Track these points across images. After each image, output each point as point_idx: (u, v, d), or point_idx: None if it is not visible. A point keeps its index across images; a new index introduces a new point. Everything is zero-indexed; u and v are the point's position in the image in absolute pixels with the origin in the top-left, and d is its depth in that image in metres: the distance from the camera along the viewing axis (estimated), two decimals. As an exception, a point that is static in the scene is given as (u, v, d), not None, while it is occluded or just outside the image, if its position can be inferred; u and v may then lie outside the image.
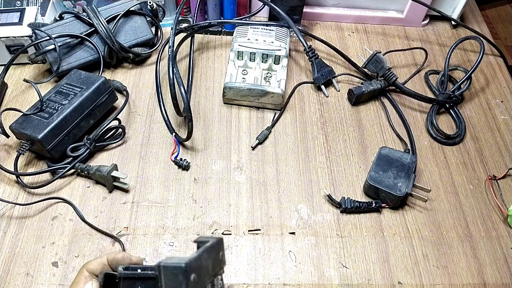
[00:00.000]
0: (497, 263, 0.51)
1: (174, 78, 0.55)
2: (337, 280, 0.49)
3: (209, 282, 0.28)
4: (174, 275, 0.26)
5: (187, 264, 0.26)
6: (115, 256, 0.35)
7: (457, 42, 0.67)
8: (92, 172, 0.53)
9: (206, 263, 0.28)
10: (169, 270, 0.26)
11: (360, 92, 0.63)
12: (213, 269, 0.29)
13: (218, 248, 0.29)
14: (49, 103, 0.55)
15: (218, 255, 0.30)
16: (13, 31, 0.63)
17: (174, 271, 0.26)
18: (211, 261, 0.28)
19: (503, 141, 0.62)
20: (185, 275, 0.26)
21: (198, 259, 0.27)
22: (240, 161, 0.58)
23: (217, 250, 0.29)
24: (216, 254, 0.29)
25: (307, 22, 0.77)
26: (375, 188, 0.53)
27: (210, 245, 0.28)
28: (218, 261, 0.30)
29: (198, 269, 0.27)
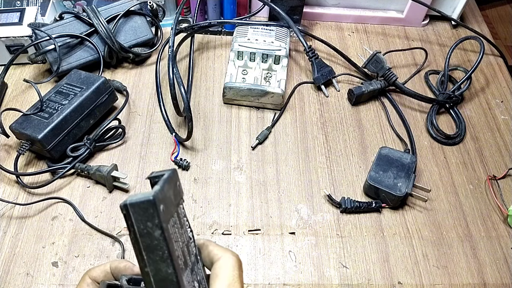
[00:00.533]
0: (497, 263, 0.51)
1: (174, 78, 0.55)
2: (337, 280, 0.49)
3: (175, 212, 0.29)
4: (143, 209, 0.26)
5: (154, 196, 0.26)
6: (118, 265, 0.35)
7: (457, 42, 0.67)
8: (92, 172, 0.53)
9: (169, 193, 0.28)
10: (138, 206, 0.25)
11: (360, 92, 0.63)
12: (175, 199, 0.29)
13: (175, 179, 0.29)
14: (49, 103, 0.55)
15: (176, 185, 0.30)
16: (13, 31, 0.63)
17: (143, 206, 0.25)
18: (172, 191, 0.29)
19: (503, 141, 0.62)
20: (154, 207, 0.26)
21: (162, 191, 0.27)
22: (240, 161, 0.58)
23: (175, 180, 0.29)
24: (174, 184, 0.29)
25: (307, 22, 0.77)
26: (375, 188, 0.53)
27: (167, 176, 0.28)
28: (178, 191, 0.30)
29: (164, 200, 0.27)
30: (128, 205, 0.26)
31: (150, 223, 0.26)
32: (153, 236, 0.26)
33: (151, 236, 0.26)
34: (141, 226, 0.26)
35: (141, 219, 0.26)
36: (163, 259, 0.27)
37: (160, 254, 0.27)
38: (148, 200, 0.25)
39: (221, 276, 0.29)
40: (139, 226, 0.26)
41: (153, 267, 0.27)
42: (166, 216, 0.27)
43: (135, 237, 0.26)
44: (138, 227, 0.26)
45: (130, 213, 0.26)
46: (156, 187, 0.27)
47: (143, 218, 0.26)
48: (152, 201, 0.26)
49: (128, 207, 0.26)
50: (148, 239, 0.26)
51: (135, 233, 0.26)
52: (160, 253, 0.27)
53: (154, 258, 0.27)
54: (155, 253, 0.27)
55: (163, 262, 0.27)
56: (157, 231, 0.26)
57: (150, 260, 0.27)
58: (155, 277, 0.27)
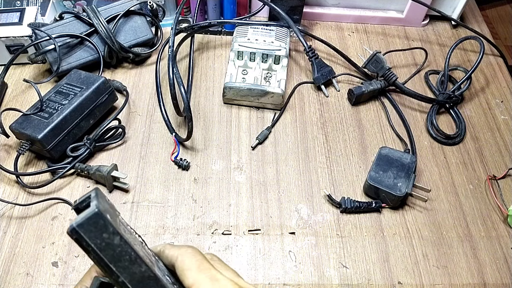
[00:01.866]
0: (497, 263, 0.51)
1: (174, 78, 0.55)
2: (337, 280, 0.49)
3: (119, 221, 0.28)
4: (93, 224, 0.25)
5: (97, 207, 0.25)
6: None
7: (457, 42, 0.67)
8: (92, 172, 0.53)
9: (106, 206, 0.28)
10: (86, 223, 0.25)
11: (360, 92, 0.63)
12: (113, 210, 0.29)
13: (102, 195, 0.29)
14: (49, 103, 0.55)
15: (107, 200, 0.30)
16: (13, 31, 0.63)
17: (91, 221, 0.25)
18: (107, 204, 0.28)
19: (503, 141, 0.62)
20: (103, 217, 0.25)
21: (99, 203, 0.26)
22: (240, 161, 0.58)
23: (103, 196, 0.29)
24: (105, 199, 0.29)
25: (307, 22, 0.77)
26: (375, 188, 0.53)
27: (95, 194, 0.28)
28: (111, 204, 0.30)
29: (106, 211, 0.26)
30: (76, 228, 0.25)
31: (106, 234, 0.26)
32: (114, 245, 0.26)
33: (112, 245, 0.26)
34: (98, 241, 0.25)
35: (95, 235, 0.25)
36: (132, 261, 0.27)
37: (128, 258, 0.26)
38: (95, 213, 0.25)
39: (187, 265, 0.30)
40: (96, 242, 0.25)
41: (126, 274, 0.27)
42: (116, 224, 0.26)
43: (96, 255, 0.26)
44: (95, 243, 0.25)
45: (81, 234, 0.25)
46: (92, 203, 0.26)
47: (97, 232, 0.25)
48: (99, 213, 0.25)
49: (76, 229, 0.25)
50: (110, 250, 0.26)
51: (95, 251, 0.26)
52: (127, 257, 0.26)
53: (123, 265, 0.26)
54: (123, 260, 0.26)
55: (134, 265, 0.27)
56: (116, 238, 0.26)
57: (120, 269, 0.26)
58: (132, 282, 0.27)
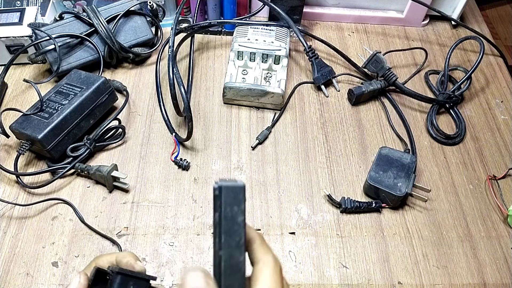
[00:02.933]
0: (497, 263, 0.51)
1: (174, 78, 0.55)
2: (337, 280, 0.49)
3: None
4: (235, 194, 0.28)
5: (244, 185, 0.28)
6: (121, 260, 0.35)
7: (457, 42, 0.67)
8: (92, 172, 0.53)
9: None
10: (231, 189, 0.28)
11: (360, 92, 0.63)
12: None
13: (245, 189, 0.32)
14: (49, 103, 0.55)
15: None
16: (13, 31, 0.63)
17: (235, 190, 0.28)
18: None
19: (503, 141, 0.62)
20: (243, 193, 0.28)
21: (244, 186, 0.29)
22: (240, 161, 0.58)
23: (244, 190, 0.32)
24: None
25: (307, 22, 0.77)
26: (375, 188, 0.53)
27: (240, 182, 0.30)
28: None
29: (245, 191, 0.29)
30: (222, 187, 0.27)
31: (237, 207, 0.28)
32: (235, 221, 0.28)
33: (233, 220, 0.27)
34: (228, 209, 0.27)
35: (230, 202, 0.27)
36: (238, 246, 0.28)
37: (237, 240, 0.28)
38: (241, 186, 0.28)
39: (261, 281, 0.29)
40: (226, 208, 0.27)
41: (226, 251, 0.28)
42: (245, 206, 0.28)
43: (219, 218, 0.27)
44: (225, 209, 0.27)
45: (222, 194, 0.27)
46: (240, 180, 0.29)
47: (232, 201, 0.27)
48: (243, 187, 0.28)
49: (222, 189, 0.27)
50: (230, 223, 0.27)
51: (220, 215, 0.27)
52: (237, 239, 0.28)
53: (230, 243, 0.28)
54: (233, 238, 0.28)
55: (237, 249, 0.28)
56: (240, 217, 0.28)
57: (226, 244, 0.27)
58: (226, 262, 0.28)
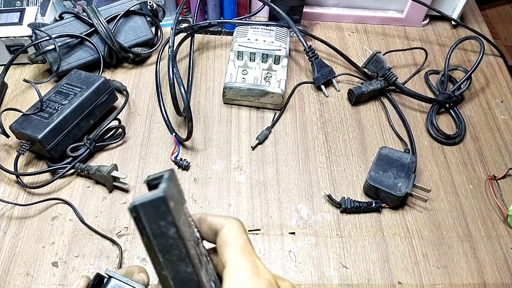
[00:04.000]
0: (497, 263, 0.51)
1: (174, 78, 0.55)
2: (337, 280, 0.49)
3: (181, 211, 0.27)
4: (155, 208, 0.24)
5: (165, 193, 0.24)
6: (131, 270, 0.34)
7: (457, 42, 0.67)
8: (92, 172, 0.53)
9: (174, 191, 0.26)
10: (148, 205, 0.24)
11: (360, 92, 0.63)
12: (180, 197, 0.28)
13: (175, 178, 0.28)
14: (49, 103, 0.55)
15: (178, 185, 0.28)
16: (13, 31, 0.63)
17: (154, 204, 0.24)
18: (176, 190, 0.27)
19: (503, 141, 0.62)
20: (166, 204, 0.24)
21: (169, 188, 0.25)
22: (240, 161, 0.58)
23: (175, 179, 0.28)
24: (176, 183, 0.28)
25: (307, 22, 0.77)
26: (375, 188, 0.53)
27: (169, 175, 0.27)
28: (180, 190, 0.29)
29: (172, 197, 0.25)
30: (137, 206, 0.24)
31: (163, 222, 0.24)
32: (168, 235, 0.25)
33: (165, 235, 0.25)
34: (154, 226, 0.24)
35: (153, 219, 0.24)
36: (180, 259, 0.25)
37: (177, 254, 0.25)
38: (159, 197, 0.24)
39: (231, 242, 0.28)
40: (152, 226, 0.24)
41: (171, 269, 0.25)
42: (177, 214, 0.25)
43: (148, 239, 0.25)
44: (151, 228, 0.24)
45: (140, 214, 0.24)
46: (162, 185, 0.25)
47: (155, 217, 0.24)
48: (164, 198, 0.24)
49: (137, 208, 0.24)
50: (163, 240, 0.25)
51: (147, 235, 0.25)
52: (177, 252, 0.25)
53: (171, 259, 0.25)
54: (172, 253, 0.25)
55: (181, 262, 0.25)
56: (171, 229, 0.25)
57: (167, 262, 0.25)
58: (175, 279, 0.25)
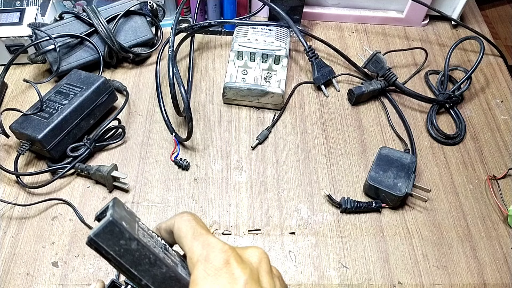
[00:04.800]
0: (497, 263, 0.51)
1: (174, 78, 0.55)
2: (337, 280, 0.49)
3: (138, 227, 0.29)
4: (110, 232, 0.26)
5: (112, 215, 0.26)
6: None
7: (457, 42, 0.67)
8: (92, 172, 0.53)
9: (122, 213, 0.28)
10: (102, 232, 0.26)
11: (360, 92, 0.63)
12: (131, 217, 0.29)
13: (121, 203, 0.30)
14: (49, 103, 0.55)
15: (125, 208, 0.30)
16: (13, 31, 0.63)
17: (107, 229, 0.26)
18: (124, 212, 0.29)
19: (503, 141, 0.62)
20: (118, 224, 0.26)
21: (115, 211, 0.27)
22: (240, 161, 0.58)
23: (121, 204, 0.29)
24: (123, 207, 0.29)
25: (307, 22, 0.77)
26: (375, 188, 0.53)
27: (112, 203, 0.28)
28: (129, 212, 0.30)
29: (122, 218, 0.27)
30: (94, 238, 0.26)
31: (123, 240, 0.26)
32: (133, 250, 0.27)
33: (130, 251, 0.26)
34: (116, 248, 0.26)
35: (112, 242, 0.26)
36: (152, 264, 0.27)
37: (147, 261, 0.27)
38: (110, 222, 0.26)
39: (183, 233, 0.29)
40: (115, 249, 0.26)
41: (147, 276, 0.27)
42: (132, 230, 0.27)
43: (116, 261, 0.26)
44: (114, 250, 0.26)
45: (99, 243, 0.26)
46: (108, 212, 0.27)
47: (114, 240, 0.26)
48: (113, 221, 0.26)
49: (95, 239, 0.26)
50: (129, 255, 0.26)
51: (115, 258, 0.26)
52: (146, 260, 0.27)
53: (144, 268, 0.27)
54: (143, 263, 0.27)
55: (154, 267, 0.27)
56: (133, 244, 0.26)
57: (141, 273, 0.27)
58: (155, 283, 0.27)
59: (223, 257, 0.27)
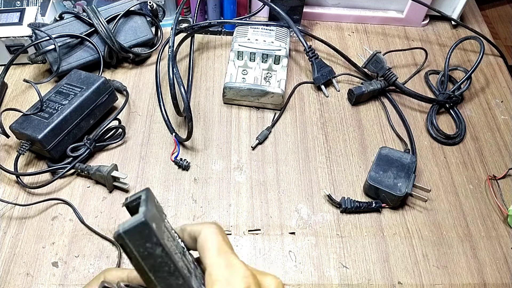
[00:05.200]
0: (497, 263, 0.51)
1: (174, 78, 0.55)
2: (337, 280, 0.49)
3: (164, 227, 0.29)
4: (139, 233, 0.26)
5: (145, 216, 0.26)
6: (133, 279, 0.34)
7: (457, 42, 0.67)
8: (92, 172, 0.53)
9: (154, 211, 0.28)
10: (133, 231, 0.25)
11: (360, 92, 0.63)
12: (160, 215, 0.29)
13: (153, 197, 0.30)
14: (49, 103, 0.55)
15: (156, 203, 0.30)
16: (13, 31, 0.63)
17: (138, 229, 0.25)
18: (155, 209, 0.29)
19: (503, 141, 0.62)
20: (148, 227, 0.26)
21: (148, 210, 0.27)
22: (240, 161, 0.58)
23: (153, 198, 0.29)
24: (154, 202, 0.29)
25: (307, 22, 0.77)
26: (375, 188, 0.53)
27: (146, 196, 0.28)
28: (159, 208, 0.30)
29: (153, 218, 0.27)
30: (122, 234, 0.25)
31: (149, 244, 0.26)
32: (156, 255, 0.26)
33: (153, 255, 0.26)
34: (141, 249, 0.26)
35: (139, 243, 0.26)
36: (170, 273, 0.27)
37: (167, 270, 0.27)
38: (142, 222, 0.26)
39: (209, 245, 0.29)
40: (139, 250, 0.26)
41: (163, 284, 0.27)
42: (160, 233, 0.27)
43: (137, 262, 0.26)
44: (138, 251, 0.26)
45: (126, 241, 0.26)
46: (141, 208, 0.27)
47: (141, 241, 0.26)
48: (145, 222, 0.26)
49: (123, 236, 0.25)
50: (151, 260, 0.26)
51: (136, 259, 0.26)
52: (166, 268, 0.27)
53: (162, 276, 0.27)
54: (162, 270, 0.27)
55: (172, 276, 0.27)
56: (158, 249, 0.26)
57: (158, 279, 0.27)
58: None
59: (244, 284, 0.27)
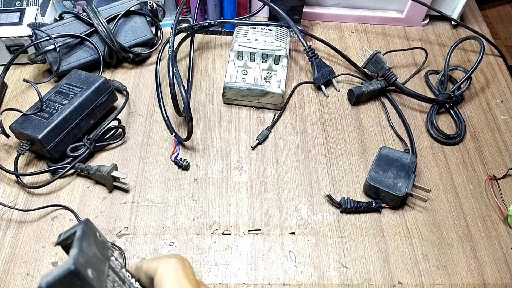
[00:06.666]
0: (497, 263, 0.51)
1: (174, 78, 0.55)
2: (337, 280, 0.49)
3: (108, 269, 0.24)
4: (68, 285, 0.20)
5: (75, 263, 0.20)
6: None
7: (457, 42, 0.67)
8: (92, 172, 0.53)
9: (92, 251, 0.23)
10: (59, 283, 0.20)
11: (360, 92, 0.63)
12: (102, 254, 0.24)
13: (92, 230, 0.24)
14: (49, 103, 0.55)
15: (96, 238, 0.25)
16: (13, 31, 0.63)
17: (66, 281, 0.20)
18: (95, 247, 0.23)
19: (503, 141, 0.62)
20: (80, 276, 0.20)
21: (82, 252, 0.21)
22: (240, 161, 0.58)
23: (92, 232, 0.24)
24: (94, 237, 0.24)
25: (307, 22, 0.77)
26: (375, 188, 0.53)
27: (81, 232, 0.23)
28: (101, 243, 0.25)
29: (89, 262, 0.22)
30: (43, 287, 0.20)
31: None
32: None
33: None
34: None
35: None
36: None
37: None
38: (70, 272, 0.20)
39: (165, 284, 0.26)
40: None
41: None
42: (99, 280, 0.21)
43: None
44: None
45: None
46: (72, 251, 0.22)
47: None
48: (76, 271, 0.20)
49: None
50: None
51: None
52: None
53: None
54: None
55: None
56: None
57: None
58: None
59: None
